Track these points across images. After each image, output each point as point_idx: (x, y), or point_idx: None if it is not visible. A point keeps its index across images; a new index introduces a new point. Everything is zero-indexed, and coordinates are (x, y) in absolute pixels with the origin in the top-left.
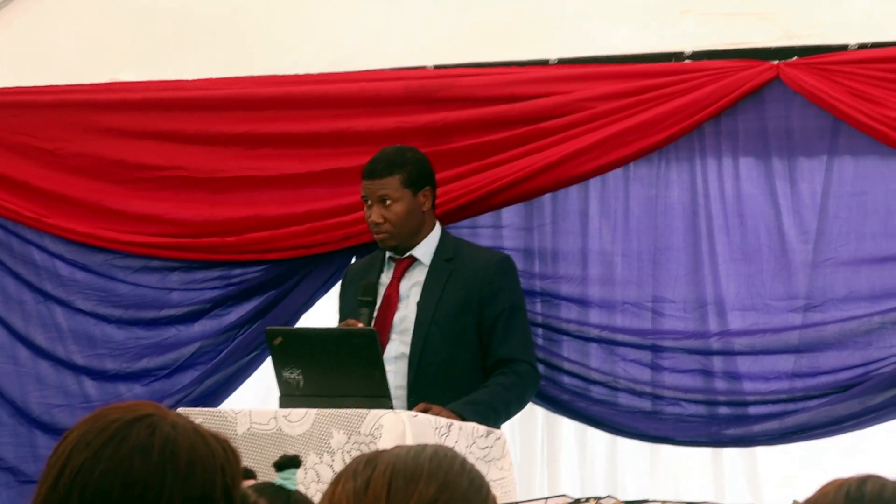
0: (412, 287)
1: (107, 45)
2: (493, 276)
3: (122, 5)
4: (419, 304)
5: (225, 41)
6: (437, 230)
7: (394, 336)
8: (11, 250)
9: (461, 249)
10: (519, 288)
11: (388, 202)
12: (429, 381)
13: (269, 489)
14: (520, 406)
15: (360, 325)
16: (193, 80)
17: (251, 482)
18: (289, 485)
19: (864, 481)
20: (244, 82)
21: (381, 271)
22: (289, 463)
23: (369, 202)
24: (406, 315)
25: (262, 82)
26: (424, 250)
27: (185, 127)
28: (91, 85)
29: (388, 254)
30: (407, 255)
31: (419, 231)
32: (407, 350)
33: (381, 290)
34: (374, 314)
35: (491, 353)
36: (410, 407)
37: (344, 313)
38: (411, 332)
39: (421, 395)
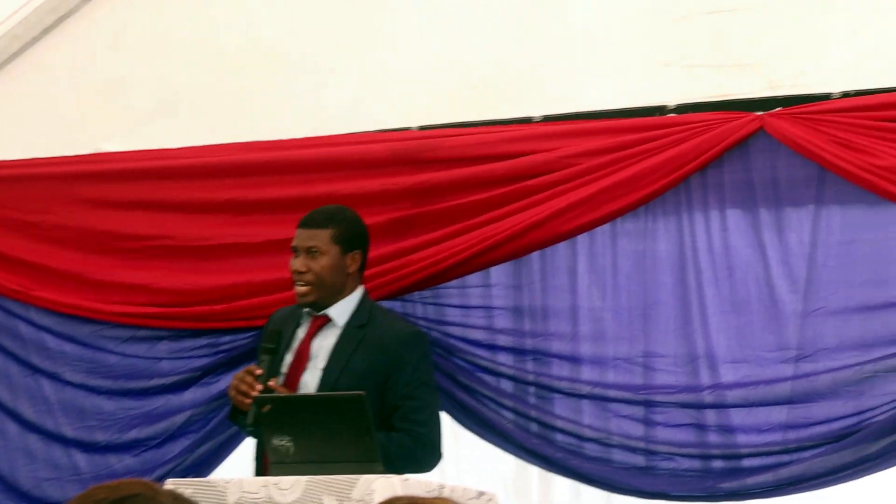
0: (321, 348)
1: (87, 117)
2: (400, 348)
3: (100, 76)
4: (324, 370)
5: (205, 109)
6: (357, 293)
7: None
8: None
9: (376, 317)
10: (428, 364)
11: (316, 253)
12: None
13: None
14: (404, 465)
15: (259, 371)
16: (176, 149)
17: None
18: None
19: None
20: (228, 149)
21: (298, 325)
22: None
23: (298, 252)
24: (311, 379)
25: (246, 148)
26: (340, 311)
27: (170, 196)
28: (73, 157)
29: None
30: (322, 312)
31: (339, 292)
32: None
33: (296, 345)
34: (285, 370)
35: (398, 415)
36: None
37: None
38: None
39: None
